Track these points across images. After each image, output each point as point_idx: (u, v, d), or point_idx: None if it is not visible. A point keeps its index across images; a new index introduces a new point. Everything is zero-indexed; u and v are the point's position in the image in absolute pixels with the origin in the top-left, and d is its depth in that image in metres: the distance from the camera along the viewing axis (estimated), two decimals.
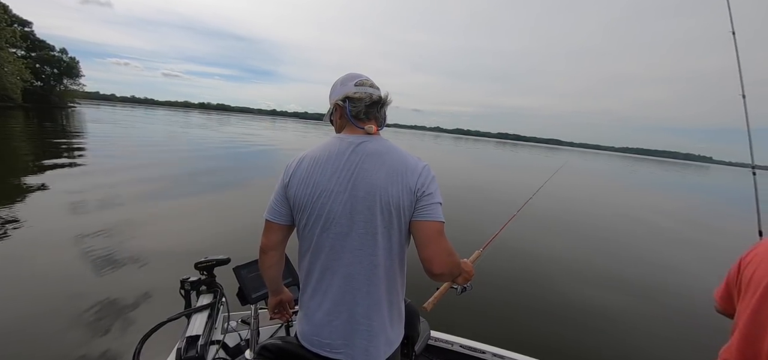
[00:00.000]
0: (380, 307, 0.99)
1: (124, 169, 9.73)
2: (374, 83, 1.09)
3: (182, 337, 1.18)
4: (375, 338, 0.99)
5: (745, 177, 17.05)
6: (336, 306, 0.98)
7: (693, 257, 6.74)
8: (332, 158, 0.98)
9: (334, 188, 0.95)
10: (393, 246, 0.98)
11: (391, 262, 0.99)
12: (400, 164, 0.96)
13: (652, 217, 10.75)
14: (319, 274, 1.00)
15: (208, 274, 1.41)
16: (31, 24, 45.87)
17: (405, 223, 0.97)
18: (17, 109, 35.19)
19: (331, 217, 0.96)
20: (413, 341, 1.36)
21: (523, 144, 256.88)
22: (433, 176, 1.00)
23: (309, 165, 1.00)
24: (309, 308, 1.03)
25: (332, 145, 1.01)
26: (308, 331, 1.02)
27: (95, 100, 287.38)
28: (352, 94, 1.04)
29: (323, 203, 0.96)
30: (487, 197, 11.24)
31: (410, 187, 0.95)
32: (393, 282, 1.01)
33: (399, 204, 0.94)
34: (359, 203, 0.94)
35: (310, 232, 1.00)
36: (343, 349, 0.98)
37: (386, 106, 1.09)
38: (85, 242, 4.42)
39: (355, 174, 0.95)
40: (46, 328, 2.81)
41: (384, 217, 0.95)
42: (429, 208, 0.96)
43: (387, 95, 1.08)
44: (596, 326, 3.61)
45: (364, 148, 0.98)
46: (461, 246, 1.12)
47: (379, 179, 0.94)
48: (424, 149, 36.54)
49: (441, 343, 1.87)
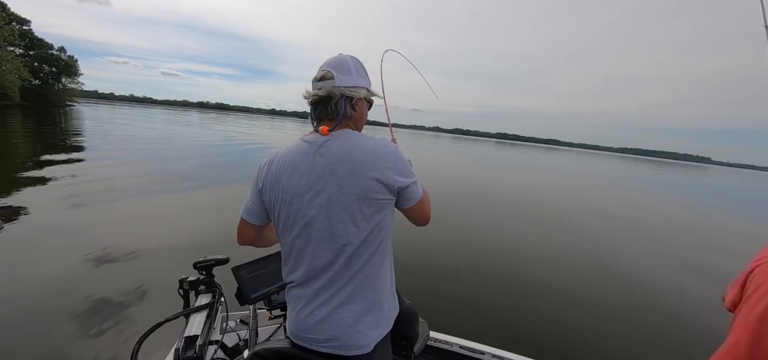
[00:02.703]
0: (364, 299, 0.99)
1: (115, 167, 9.71)
2: (330, 71, 1.00)
3: (181, 337, 1.18)
4: (360, 329, 0.98)
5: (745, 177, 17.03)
6: (318, 301, 0.99)
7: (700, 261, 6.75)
8: (297, 161, 0.99)
9: (302, 191, 0.97)
10: (370, 239, 0.97)
11: (371, 254, 0.98)
12: (366, 156, 0.94)
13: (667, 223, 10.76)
14: (301, 274, 1.01)
15: (206, 274, 1.41)
16: (29, 22, 45.88)
17: (382, 214, 0.97)
18: (15, 107, 35.10)
19: (304, 219, 0.97)
20: (412, 342, 1.35)
21: (522, 144, 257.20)
22: (399, 157, 0.99)
23: (277, 169, 1.01)
24: (294, 305, 1.04)
25: (298, 147, 1.02)
26: (295, 328, 1.03)
27: (94, 98, 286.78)
28: (306, 95, 1.05)
29: (297, 207, 0.98)
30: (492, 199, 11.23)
31: (381, 179, 0.94)
32: (376, 274, 1.01)
33: (371, 198, 0.94)
34: (330, 202, 0.94)
35: (287, 235, 1.02)
36: (327, 342, 0.98)
37: (337, 100, 1.00)
38: (80, 239, 4.41)
39: (321, 174, 0.95)
40: (40, 327, 2.79)
41: (355, 211, 0.94)
42: (407, 194, 1.00)
43: (332, 89, 0.99)
44: (598, 327, 3.61)
45: (325, 148, 0.97)
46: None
47: (349, 177, 0.93)
48: (423, 149, 36.53)
49: (440, 343, 1.87)
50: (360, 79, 1.05)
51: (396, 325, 1.34)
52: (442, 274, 4.54)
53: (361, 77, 1.05)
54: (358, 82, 1.04)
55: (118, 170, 9.31)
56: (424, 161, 21.92)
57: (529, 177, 20.21)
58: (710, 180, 43.12)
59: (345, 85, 1.00)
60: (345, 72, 1.01)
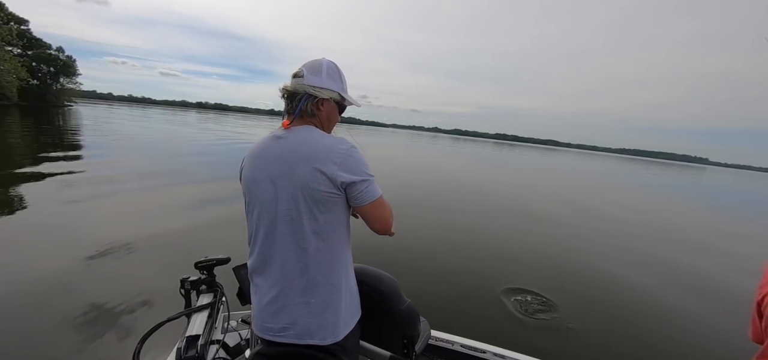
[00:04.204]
0: (319, 288, 1.01)
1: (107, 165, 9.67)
2: (302, 69, 1.08)
3: (182, 337, 1.18)
4: (316, 319, 1.01)
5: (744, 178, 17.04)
6: (275, 291, 1.02)
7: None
8: (259, 151, 1.07)
9: (260, 178, 1.03)
10: (319, 231, 0.99)
11: (324, 244, 1.00)
12: (316, 150, 0.99)
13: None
14: (258, 261, 1.06)
15: (208, 274, 1.41)
16: (27, 22, 45.72)
17: (329, 208, 1.00)
18: (13, 107, 34.98)
19: (262, 205, 1.03)
20: (414, 341, 1.36)
21: (521, 144, 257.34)
22: (350, 155, 1.00)
23: (247, 159, 1.10)
24: (255, 295, 1.08)
25: (263, 139, 1.09)
26: (256, 318, 1.06)
27: (92, 99, 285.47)
28: (281, 90, 1.12)
29: (254, 192, 1.05)
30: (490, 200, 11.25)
31: (326, 172, 0.97)
32: (331, 264, 1.02)
33: (316, 189, 0.97)
34: (282, 192, 0.99)
35: (249, 220, 1.08)
36: (284, 332, 1.01)
37: (300, 97, 1.06)
38: (76, 236, 4.40)
39: (275, 162, 1.01)
40: (37, 327, 2.78)
41: (306, 203, 0.97)
42: (355, 191, 1.00)
43: (297, 86, 1.06)
44: (599, 326, 3.62)
45: (284, 140, 1.03)
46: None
47: (297, 167, 0.98)
48: (423, 150, 36.55)
49: (441, 342, 1.87)
50: (330, 82, 1.09)
51: (398, 324, 1.34)
52: (443, 272, 4.54)
53: (331, 80, 1.10)
54: (327, 84, 1.08)
55: (115, 168, 9.29)
56: (424, 161, 21.94)
57: (528, 177, 20.24)
58: (707, 181, 43.24)
59: (310, 84, 1.06)
60: (315, 73, 1.08)
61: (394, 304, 1.30)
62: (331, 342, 1.01)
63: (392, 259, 4.68)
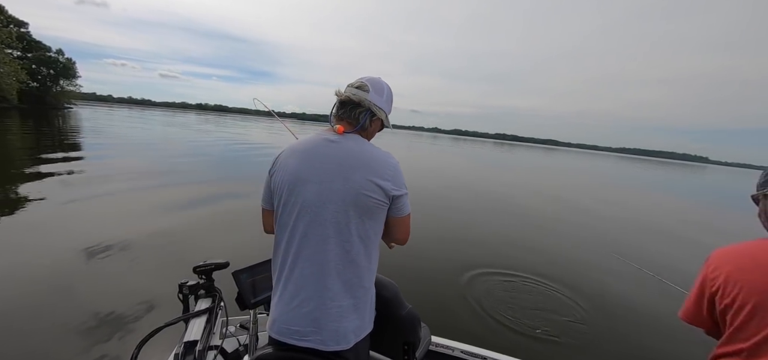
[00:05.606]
0: (351, 293, 1.02)
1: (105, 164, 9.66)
2: (368, 85, 1.14)
3: (180, 342, 1.17)
4: (344, 324, 1.00)
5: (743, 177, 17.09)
6: (307, 292, 1.00)
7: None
8: (309, 150, 1.07)
9: (308, 177, 1.03)
10: (364, 236, 1.03)
11: (365, 249, 1.04)
12: (371, 161, 1.05)
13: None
14: (292, 261, 1.03)
15: (206, 279, 1.40)
16: (27, 25, 45.74)
17: (375, 216, 1.05)
18: (13, 110, 34.99)
19: (305, 205, 1.02)
20: (414, 347, 1.34)
21: (521, 144, 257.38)
22: (399, 170, 1.10)
23: (289, 153, 1.10)
24: (282, 297, 1.04)
25: (311, 139, 1.11)
26: (279, 320, 1.03)
27: (92, 101, 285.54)
28: (338, 93, 1.16)
29: (299, 191, 1.03)
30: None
31: (380, 184, 1.03)
32: (363, 271, 1.05)
33: (369, 197, 1.01)
34: (332, 194, 1.01)
35: (286, 219, 1.06)
36: (312, 335, 0.99)
37: (362, 109, 1.13)
38: (75, 237, 4.39)
39: (329, 165, 1.03)
40: (34, 330, 2.77)
41: (355, 208, 1.01)
42: (400, 204, 1.10)
43: (363, 99, 1.12)
44: (599, 327, 3.61)
45: (337, 145, 1.07)
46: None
47: (352, 174, 1.02)
48: (422, 150, 36.53)
49: (442, 348, 1.86)
50: (387, 105, 1.20)
51: (399, 329, 1.33)
52: (443, 278, 4.52)
53: (387, 104, 1.20)
54: (384, 106, 1.18)
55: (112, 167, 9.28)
56: (423, 162, 21.92)
57: (529, 178, 20.24)
58: (707, 180, 43.22)
59: (374, 103, 1.14)
60: (379, 92, 1.16)
61: (395, 310, 1.28)
62: (354, 342, 1.01)
63: (392, 261, 4.66)
